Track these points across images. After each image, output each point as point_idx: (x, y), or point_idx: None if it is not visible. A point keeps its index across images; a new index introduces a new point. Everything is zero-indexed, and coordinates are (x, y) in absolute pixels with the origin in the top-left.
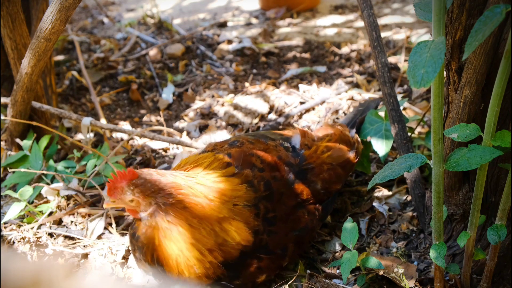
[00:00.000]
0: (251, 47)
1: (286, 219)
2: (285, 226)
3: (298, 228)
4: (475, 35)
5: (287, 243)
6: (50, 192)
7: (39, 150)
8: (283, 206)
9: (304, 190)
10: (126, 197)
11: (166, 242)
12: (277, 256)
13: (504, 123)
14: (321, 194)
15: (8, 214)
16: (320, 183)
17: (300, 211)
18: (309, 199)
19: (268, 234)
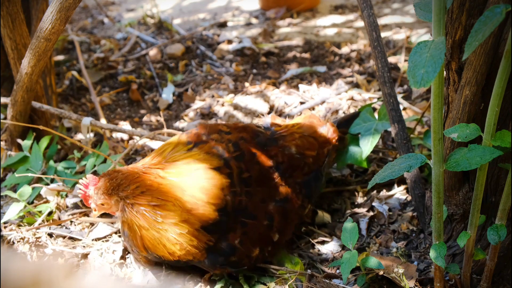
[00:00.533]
0: (251, 47)
1: (263, 182)
2: (262, 190)
3: (279, 198)
4: (475, 35)
5: (271, 212)
6: (50, 193)
7: (39, 151)
8: (256, 166)
9: (279, 153)
10: (98, 202)
11: (144, 230)
12: (264, 226)
13: (504, 123)
14: (298, 159)
15: (7, 214)
16: (294, 148)
17: (278, 177)
18: (286, 165)
19: (246, 195)
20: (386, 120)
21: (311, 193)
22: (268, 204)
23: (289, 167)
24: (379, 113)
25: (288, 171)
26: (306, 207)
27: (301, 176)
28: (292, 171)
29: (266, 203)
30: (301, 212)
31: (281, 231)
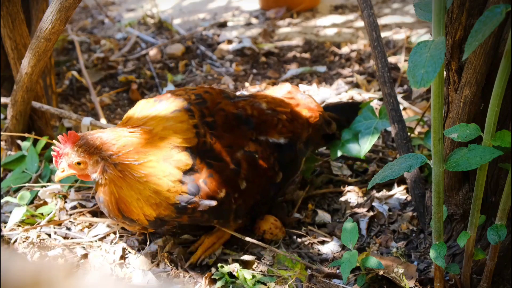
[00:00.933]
0: (251, 47)
1: (229, 129)
2: (229, 137)
3: (248, 149)
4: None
5: (239, 159)
6: (47, 195)
7: (35, 153)
8: (221, 112)
9: (247, 106)
10: (73, 161)
11: (124, 191)
12: (230, 169)
13: (504, 123)
14: (269, 115)
15: (11, 219)
16: (264, 104)
17: (248, 131)
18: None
19: (211, 137)
20: (386, 119)
21: (284, 161)
22: (236, 151)
23: (261, 123)
24: (380, 112)
25: (260, 126)
26: (278, 173)
27: (276, 135)
28: (266, 128)
29: (233, 149)
30: (271, 174)
31: (249, 180)
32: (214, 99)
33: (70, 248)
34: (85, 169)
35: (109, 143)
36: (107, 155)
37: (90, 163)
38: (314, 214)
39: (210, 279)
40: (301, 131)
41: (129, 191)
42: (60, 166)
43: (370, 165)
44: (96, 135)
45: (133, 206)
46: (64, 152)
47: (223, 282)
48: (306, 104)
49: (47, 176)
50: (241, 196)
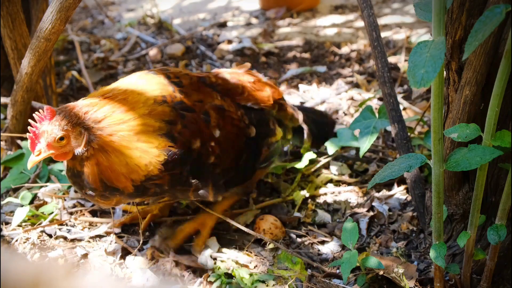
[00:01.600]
0: (251, 47)
1: (196, 88)
2: (197, 94)
3: (215, 103)
4: (475, 35)
5: (207, 109)
6: (47, 194)
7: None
8: (186, 76)
9: (210, 76)
10: (56, 136)
11: (112, 157)
12: (202, 120)
13: (504, 123)
14: (234, 84)
15: (14, 220)
16: (228, 75)
17: (213, 92)
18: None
19: (180, 93)
20: (385, 119)
21: (252, 118)
22: (205, 104)
23: (226, 90)
24: (379, 111)
25: (226, 93)
26: (249, 126)
27: (243, 100)
28: (232, 94)
29: (202, 103)
30: (243, 126)
31: (221, 128)
32: (176, 69)
33: (70, 248)
34: (67, 145)
35: (90, 111)
36: (92, 123)
37: (73, 136)
38: (314, 214)
39: (207, 281)
40: (267, 101)
41: (119, 156)
42: (36, 148)
43: (370, 165)
44: (73, 106)
45: (122, 172)
46: (42, 131)
47: (219, 283)
48: (267, 82)
49: (45, 176)
50: (218, 144)
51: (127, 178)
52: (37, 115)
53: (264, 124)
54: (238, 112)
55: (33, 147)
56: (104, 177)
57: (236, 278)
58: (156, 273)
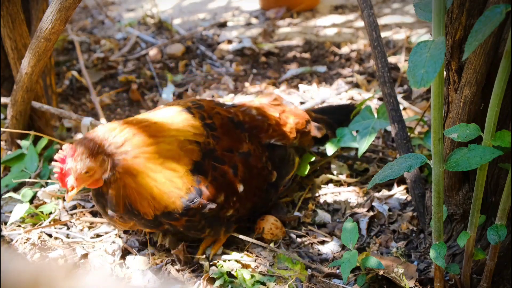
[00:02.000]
0: (251, 47)
1: (227, 131)
2: (228, 139)
3: (242, 151)
4: (475, 35)
5: (236, 161)
6: (46, 195)
7: (35, 152)
8: (218, 116)
9: (238, 112)
10: (81, 171)
11: (141, 178)
12: (229, 173)
13: (504, 123)
14: (260, 120)
15: (13, 215)
16: (255, 110)
17: (242, 134)
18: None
19: (213, 138)
20: (384, 119)
21: (275, 159)
22: (234, 154)
23: (253, 128)
24: (378, 111)
25: (252, 131)
26: (272, 172)
27: (267, 139)
28: (257, 132)
29: (232, 153)
30: (266, 173)
31: (245, 182)
32: (208, 104)
33: (70, 248)
34: (94, 175)
35: (110, 137)
36: (113, 149)
37: (97, 166)
38: (314, 214)
39: (209, 278)
40: (290, 134)
41: (145, 178)
42: (68, 184)
43: (370, 165)
44: (91, 136)
45: (145, 196)
46: (68, 169)
47: (222, 281)
48: (292, 110)
49: (46, 175)
50: (239, 199)
51: (150, 204)
52: (58, 156)
53: (285, 162)
54: (263, 158)
55: (64, 184)
56: (128, 200)
57: (238, 279)
58: (157, 274)
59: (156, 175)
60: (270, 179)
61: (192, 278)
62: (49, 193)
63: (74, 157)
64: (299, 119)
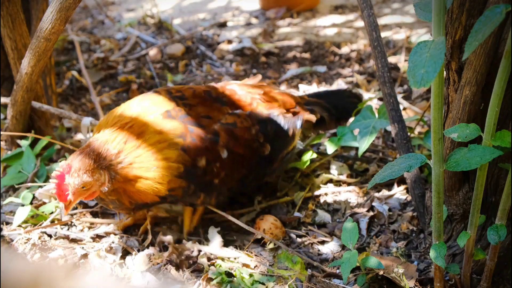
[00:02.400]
0: (251, 47)
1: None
2: (204, 109)
3: (226, 121)
4: (475, 35)
5: (216, 129)
6: (44, 195)
7: (31, 153)
8: (189, 90)
9: (217, 87)
10: (79, 186)
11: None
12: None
13: (504, 123)
14: (242, 95)
15: (16, 219)
16: (237, 86)
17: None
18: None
19: (184, 106)
20: (385, 118)
21: (268, 134)
22: (213, 123)
23: (234, 101)
24: (379, 111)
25: (233, 104)
26: (264, 144)
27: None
28: (240, 105)
29: (211, 120)
30: (257, 146)
31: (230, 149)
32: (179, 86)
33: (71, 248)
34: (91, 188)
35: (103, 150)
36: (108, 162)
37: (94, 179)
38: (314, 214)
39: (208, 278)
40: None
41: (143, 181)
42: (67, 198)
43: (370, 165)
44: (85, 151)
45: (149, 191)
46: (65, 185)
47: (220, 280)
48: (280, 92)
49: (43, 176)
50: (223, 167)
51: (154, 193)
52: (56, 173)
53: (282, 136)
54: (253, 130)
55: (61, 198)
56: (133, 199)
57: (237, 278)
58: (156, 274)
59: (150, 173)
60: (262, 151)
61: (192, 278)
62: (47, 193)
63: (71, 174)
64: (286, 99)
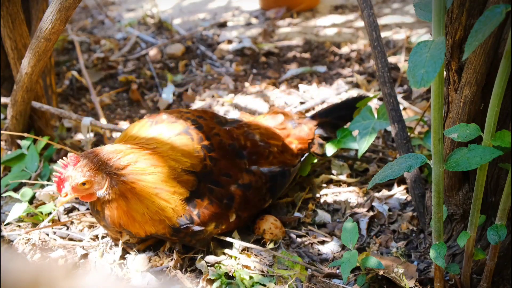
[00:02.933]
0: (251, 47)
1: (225, 155)
2: (225, 163)
3: (242, 182)
4: (475, 35)
5: (233, 193)
6: (45, 196)
7: (36, 152)
8: (217, 137)
9: (241, 136)
10: (78, 181)
11: (132, 204)
12: (224, 203)
13: (504, 123)
14: (262, 146)
15: (11, 214)
16: (258, 135)
17: (241, 161)
18: (250, 150)
19: (210, 160)
20: (384, 119)
21: (275, 189)
22: (231, 183)
23: (253, 153)
24: (378, 111)
25: (252, 157)
26: (267, 201)
27: (267, 165)
28: (257, 158)
29: (230, 180)
30: (261, 204)
31: (239, 214)
32: (208, 124)
33: (71, 248)
34: (90, 189)
35: (114, 158)
36: (114, 170)
37: (95, 181)
38: (314, 214)
39: (208, 279)
40: (291, 161)
41: (138, 204)
42: (63, 191)
43: (370, 165)
44: (97, 151)
45: (137, 220)
46: (66, 176)
47: (219, 283)
48: (296, 134)
49: (46, 175)
50: (228, 227)
51: (141, 226)
52: (61, 162)
53: (286, 180)
54: (264, 189)
55: (59, 190)
56: (121, 221)
57: (236, 279)
58: (156, 274)
59: (149, 203)
60: (263, 206)
61: (192, 279)
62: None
63: (76, 167)
64: (302, 144)
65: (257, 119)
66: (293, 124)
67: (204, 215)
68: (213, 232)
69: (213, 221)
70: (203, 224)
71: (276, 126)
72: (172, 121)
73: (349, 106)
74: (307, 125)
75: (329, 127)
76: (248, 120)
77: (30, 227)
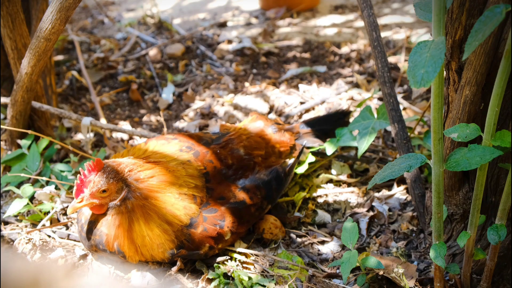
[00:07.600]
0: (251, 47)
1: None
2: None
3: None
4: (475, 35)
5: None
6: (43, 196)
7: (37, 151)
8: (211, 164)
9: (228, 156)
10: (101, 188)
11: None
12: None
13: (504, 123)
14: (246, 159)
15: (10, 209)
16: (242, 149)
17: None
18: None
19: (207, 191)
20: (384, 119)
21: (271, 194)
22: (224, 204)
23: (239, 168)
24: (378, 111)
25: (238, 172)
26: (265, 208)
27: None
28: (244, 172)
29: (224, 201)
30: (257, 214)
31: (234, 232)
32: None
33: (70, 248)
34: (107, 198)
35: (136, 170)
36: (134, 181)
37: (114, 190)
38: (314, 214)
39: (207, 279)
40: (275, 163)
41: (141, 225)
42: (80, 195)
43: (370, 165)
44: (120, 162)
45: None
46: (89, 180)
47: (217, 282)
48: (277, 139)
49: (46, 175)
50: (224, 244)
51: (137, 251)
52: (87, 165)
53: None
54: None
55: (77, 194)
56: (117, 241)
57: (235, 280)
58: (156, 274)
59: (153, 226)
60: (261, 214)
61: (192, 279)
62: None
63: (99, 173)
64: (283, 148)
65: (238, 128)
66: (272, 128)
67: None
68: (209, 253)
69: (207, 243)
70: (197, 248)
71: (257, 133)
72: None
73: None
74: (288, 132)
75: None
76: (231, 133)
77: (29, 227)
